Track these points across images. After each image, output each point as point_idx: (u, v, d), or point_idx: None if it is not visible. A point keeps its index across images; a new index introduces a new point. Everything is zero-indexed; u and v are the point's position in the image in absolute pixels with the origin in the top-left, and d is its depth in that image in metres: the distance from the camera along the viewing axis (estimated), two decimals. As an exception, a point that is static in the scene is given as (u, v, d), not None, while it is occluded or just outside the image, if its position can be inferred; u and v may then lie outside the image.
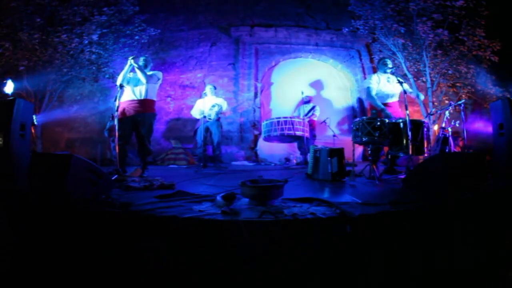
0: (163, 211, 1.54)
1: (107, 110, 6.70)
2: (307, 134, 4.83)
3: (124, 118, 3.26)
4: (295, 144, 5.57)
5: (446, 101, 5.88)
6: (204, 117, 4.70)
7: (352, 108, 7.61)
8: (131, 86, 3.37)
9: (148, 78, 3.35)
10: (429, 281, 1.50)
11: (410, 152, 2.94)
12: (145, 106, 3.37)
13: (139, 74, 3.30)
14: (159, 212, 1.53)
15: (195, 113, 4.98)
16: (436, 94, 6.43)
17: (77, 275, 1.49)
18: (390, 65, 3.68)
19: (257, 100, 7.29)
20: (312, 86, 7.53)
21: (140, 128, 3.35)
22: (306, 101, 5.67)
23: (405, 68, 6.31)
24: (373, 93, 3.66)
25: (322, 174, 2.99)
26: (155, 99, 3.54)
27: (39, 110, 5.73)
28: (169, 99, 7.21)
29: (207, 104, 4.88)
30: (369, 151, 3.17)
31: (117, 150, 3.08)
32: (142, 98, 3.37)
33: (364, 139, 3.02)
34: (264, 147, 6.65)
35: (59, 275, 1.51)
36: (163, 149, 6.68)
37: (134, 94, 3.36)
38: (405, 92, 3.21)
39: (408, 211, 1.58)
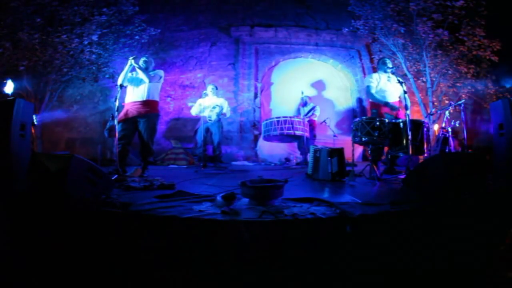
0: (163, 211, 1.54)
1: (107, 110, 6.72)
2: (307, 134, 4.83)
3: (127, 119, 3.26)
4: (295, 144, 5.58)
5: (446, 101, 5.88)
6: (204, 117, 4.69)
7: (352, 108, 7.61)
8: (134, 87, 3.37)
9: (150, 77, 3.35)
10: (429, 281, 1.50)
11: (410, 152, 2.94)
12: (148, 107, 3.36)
13: (140, 73, 3.30)
14: (159, 212, 1.53)
15: (195, 111, 4.96)
16: (436, 94, 6.43)
17: (77, 275, 1.49)
18: (389, 65, 3.67)
19: (257, 100, 7.29)
20: (312, 86, 7.53)
21: (143, 129, 3.35)
22: (306, 101, 5.66)
23: (405, 68, 6.31)
24: (373, 91, 3.66)
25: (322, 174, 2.99)
26: (158, 99, 3.53)
27: (39, 110, 5.74)
28: (169, 99, 7.21)
29: (207, 105, 4.87)
30: (369, 151, 3.17)
31: (118, 150, 3.07)
32: (145, 99, 3.36)
33: (363, 139, 3.02)
34: (264, 147, 6.65)
35: (60, 275, 1.51)
36: (163, 149, 6.68)
37: (137, 95, 3.35)
38: (405, 92, 3.21)
39: (408, 211, 1.58)
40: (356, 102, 7.53)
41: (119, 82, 3.26)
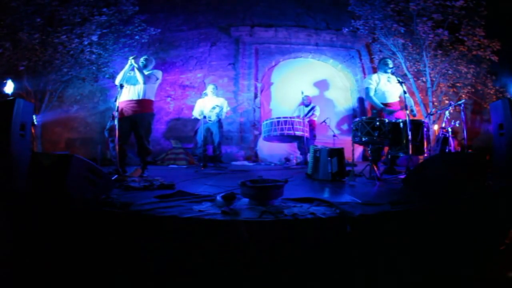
0: (163, 211, 1.54)
1: (107, 110, 6.72)
2: (307, 134, 4.83)
3: (122, 118, 3.26)
4: (295, 144, 5.58)
5: (446, 101, 5.87)
6: (204, 117, 4.69)
7: (352, 108, 7.61)
8: (129, 86, 3.36)
9: (146, 79, 3.34)
10: (428, 282, 1.50)
11: (410, 152, 2.94)
12: (142, 106, 3.36)
13: (137, 74, 3.30)
14: (159, 212, 1.53)
15: (196, 114, 4.97)
16: (436, 94, 6.43)
17: (77, 275, 1.49)
18: (391, 65, 3.68)
19: (257, 100, 7.29)
20: (312, 86, 7.53)
21: (138, 128, 3.35)
22: (307, 102, 5.65)
23: (405, 68, 6.31)
24: (372, 93, 3.66)
25: (322, 174, 2.99)
26: (153, 99, 3.52)
27: (39, 110, 5.73)
28: (169, 99, 7.21)
29: (207, 105, 4.87)
30: (369, 151, 3.17)
31: (116, 150, 3.07)
32: (140, 98, 3.35)
33: (363, 139, 3.02)
34: (264, 147, 6.65)
35: (59, 275, 1.51)
36: (163, 149, 6.68)
37: (132, 94, 3.35)
38: (405, 92, 3.21)
39: (408, 211, 1.58)
40: (356, 102, 7.53)
41: (117, 81, 3.25)
